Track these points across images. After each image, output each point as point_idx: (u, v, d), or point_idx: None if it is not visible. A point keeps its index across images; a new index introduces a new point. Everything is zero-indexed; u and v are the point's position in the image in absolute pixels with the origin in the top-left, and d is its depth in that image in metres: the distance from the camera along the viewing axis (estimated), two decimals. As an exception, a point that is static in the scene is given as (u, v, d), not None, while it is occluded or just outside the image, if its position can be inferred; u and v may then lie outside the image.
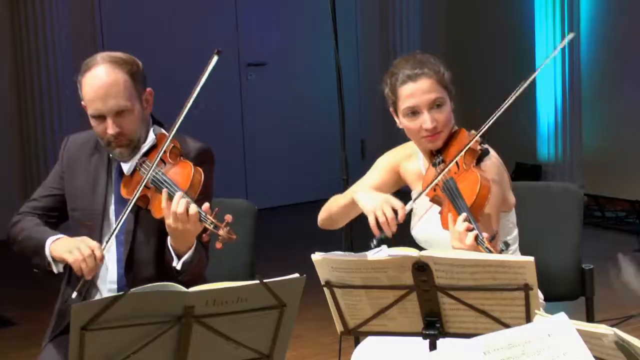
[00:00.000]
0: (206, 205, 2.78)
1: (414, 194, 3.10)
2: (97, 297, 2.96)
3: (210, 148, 3.09)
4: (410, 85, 2.99)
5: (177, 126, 2.91)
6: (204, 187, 2.90)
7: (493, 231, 2.80)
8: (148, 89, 3.03)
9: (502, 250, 2.64)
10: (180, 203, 2.76)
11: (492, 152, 3.03)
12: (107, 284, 3.00)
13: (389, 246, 2.56)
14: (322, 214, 3.24)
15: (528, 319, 2.41)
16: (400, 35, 8.35)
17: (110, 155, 3.02)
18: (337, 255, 2.56)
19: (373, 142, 8.48)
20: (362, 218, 3.04)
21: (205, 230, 2.76)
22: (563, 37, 7.51)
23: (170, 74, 7.60)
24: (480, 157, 2.96)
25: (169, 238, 2.88)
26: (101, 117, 2.94)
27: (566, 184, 3.79)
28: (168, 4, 7.68)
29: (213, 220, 2.73)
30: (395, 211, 2.85)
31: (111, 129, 2.92)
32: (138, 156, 2.98)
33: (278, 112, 8.10)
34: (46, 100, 7.14)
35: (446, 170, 2.90)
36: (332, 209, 3.20)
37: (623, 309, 5.12)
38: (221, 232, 2.70)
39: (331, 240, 3.45)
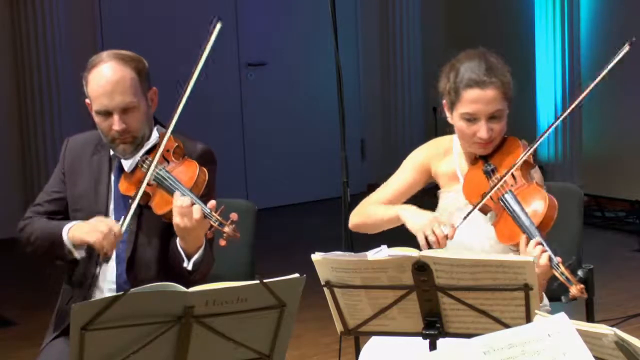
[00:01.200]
0: (212, 202, 2.79)
1: (445, 194, 3.06)
2: (98, 296, 2.96)
3: (211, 149, 3.09)
4: (476, 92, 2.91)
5: (177, 115, 2.91)
6: (208, 187, 2.91)
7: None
8: (153, 88, 3.04)
9: (580, 279, 2.64)
10: (185, 199, 2.77)
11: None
12: (107, 283, 3.00)
13: None
14: (356, 219, 3.14)
15: (528, 319, 2.41)
16: (400, 35, 8.35)
17: (113, 152, 3.02)
18: (337, 255, 2.56)
19: (373, 142, 8.49)
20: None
21: (210, 227, 2.77)
22: (563, 37, 7.50)
23: (170, 74, 7.61)
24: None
25: (178, 239, 2.87)
26: (107, 114, 2.94)
27: (566, 184, 3.79)
28: (168, 4, 7.67)
29: (218, 218, 2.74)
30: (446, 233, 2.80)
31: (117, 125, 2.92)
32: (140, 153, 2.98)
33: (278, 112, 8.10)
34: (46, 100, 7.13)
35: (502, 182, 2.84)
36: (370, 218, 3.09)
37: (623, 309, 5.13)
38: (226, 229, 2.71)
39: (331, 240, 3.45)
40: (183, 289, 2.24)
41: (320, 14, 6.32)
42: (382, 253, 2.50)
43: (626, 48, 2.82)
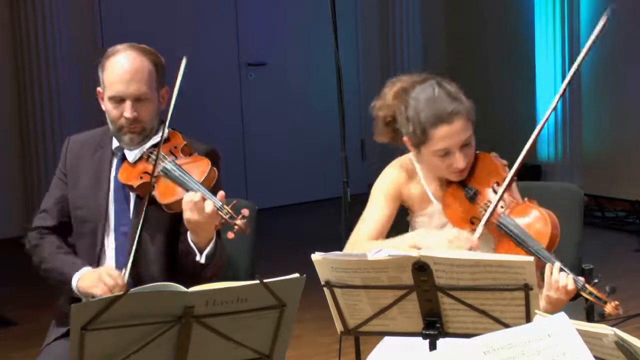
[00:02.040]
0: (221, 193, 2.80)
1: (419, 218, 3.01)
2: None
3: (216, 149, 3.10)
4: (445, 128, 2.83)
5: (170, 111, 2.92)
6: (217, 184, 2.91)
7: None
8: (165, 87, 3.06)
9: (608, 293, 2.64)
10: (195, 194, 2.78)
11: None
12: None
13: None
14: None
15: (528, 319, 2.41)
16: (400, 35, 8.35)
17: (118, 142, 3.02)
18: (337, 255, 2.56)
19: (373, 142, 8.45)
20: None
21: (220, 219, 2.78)
22: (563, 37, 7.51)
23: (169, 74, 7.60)
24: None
25: (189, 233, 2.87)
26: (120, 100, 2.95)
27: (566, 184, 3.79)
28: (168, 4, 7.67)
29: (229, 211, 2.76)
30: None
31: (129, 112, 2.94)
32: (147, 145, 2.99)
33: (278, 112, 8.10)
34: (46, 100, 7.13)
35: (492, 209, 2.80)
36: None
37: (623, 309, 5.12)
38: (238, 222, 2.72)
39: (331, 240, 3.45)
40: (183, 289, 2.24)
41: (320, 14, 6.32)
42: (382, 253, 2.50)
43: (604, 18, 2.77)
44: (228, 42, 7.90)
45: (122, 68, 2.97)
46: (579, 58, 2.83)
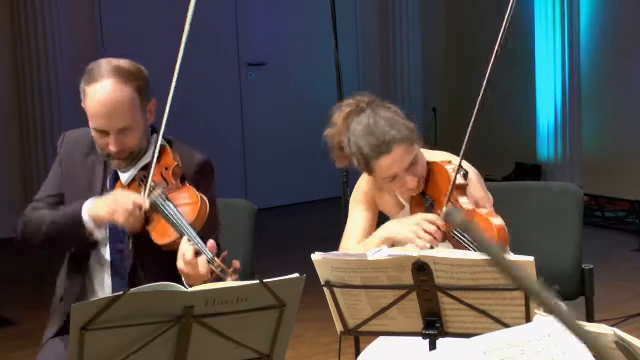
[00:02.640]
0: (211, 243, 2.69)
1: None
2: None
3: (210, 160, 3.00)
4: (385, 159, 2.84)
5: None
6: (210, 218, 2.81)
7: None
8: (152, 100, 2.95)
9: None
10: (189, 250, 2.68)
11: (468, 168, 2.95)
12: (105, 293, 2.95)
13: None
14: None
15: (528, 319, 2.41)
16: (400, 35, 8.35)
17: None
18: (337, 255, 2.56)
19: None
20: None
21: (212, 273, 2.66)
22: (563, 37, 7.51)
23: (170, 74, 7.60)
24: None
25: (183, 278, 2.76)
26: (103, 132, 2.87)
27: (566, 184, 3.79)
28: (168, 4, 7.67)
29: (220, 264, 2.64)
30: (434, 222, 2.79)
31: (113, 146, 2.84)
32: (138, 167, 2.91)
33: (278, 112, 8.10)
34: (46, 100, 7.13)
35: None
36: None
37: (623, 309, 5.12)
38: (228, 279, 2.60)
39: (331, 240, 3.45)
40: (183, 289, 2.24)
41: (320, 14, 6.32)
42: (382, 253, 2.50)
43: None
44: (228, 42, 7.90)
45: (103, 102, 2.84)
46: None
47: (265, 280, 2.29)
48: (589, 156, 7.65)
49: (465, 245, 2.76)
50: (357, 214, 3.06)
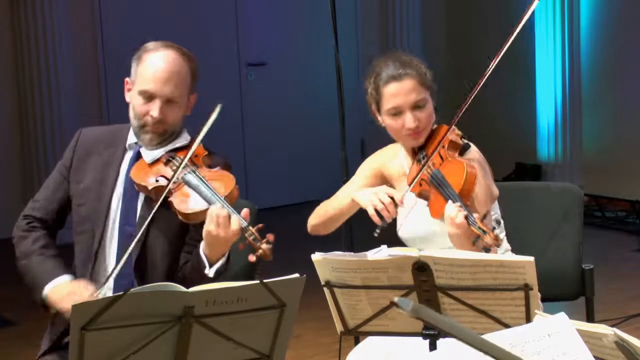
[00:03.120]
0: (245, 211, 2.72)
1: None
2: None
3: (229, 161, 3.07)
4: (394, 85, 3.02)
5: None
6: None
7: (483, 213, 2.83)
8: (194, 94, 3.03)
9: (494, 228, 2.68)
10: (223, 209, 2.70)
11: (474, 147, 3.06)
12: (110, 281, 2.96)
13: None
14: (314, 220, 3.25)
15: (528, 319, 2.41)
16: (400, 35, 8.35)
17: (137, 138, 2.97)
18: (337, 255, 2.56)
19: (373, 142, 8.46)
20: (362, 218, 3.04)
21: (244, 240, 2.69)
22: (563, 37, 7.51)
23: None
24: (462, 150, 3.01)
25: (202, 245, 2.79)
26: (150, 98, 2.91)
27: (566, 184, 3.79)
28: (168, 4, 7.68)
29: (254, 232, 2.67)
30: (391, 197, 2.90)
31: (156, 111, 2.90)
32: (168, 148, 2.95)
33: (278, 112, 8.11)
34: (46, 100, 7.14)
35: (429, 161, 2.95)
36: (327, 213, 3.20)
37: (623, 309, 5.13)
38: (263, 246, 2.63)
39: (331, 240, 3.45)
40: (183, 289, 2.24)
41: (320, 14, 6.32)
42: (382, 253, 2.50)
43: (535, 2, 2.99)
44: (228, 42, 7.90)
45: (161, 66, 2.93)
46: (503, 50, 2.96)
47: (265, 280, 2.29)
48: (589, 156, 7.65)
49: (436, 187, 2.87)
50: (356, 180, 3.21)
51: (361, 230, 3.01)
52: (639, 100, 7.32)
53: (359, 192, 3.04)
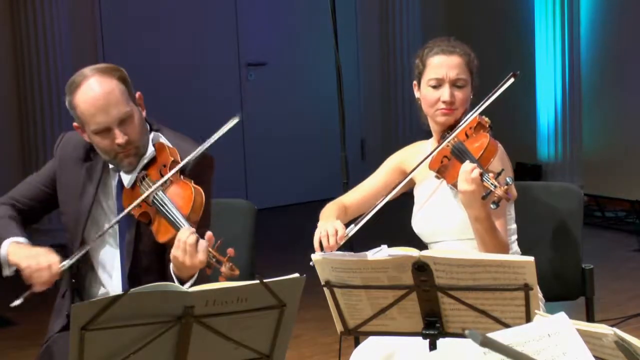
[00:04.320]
0: (209, 234, 2.71)
1: (419, 186, 3.18)
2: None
3: (210, 155, 3.02)
4: (442, 57, 3.12)
5: (190, 157, 2.87)
6: (205, 210, 2.83)
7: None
8: (138, 93, 2.96)
9: (508, 183, 2.76)
10: (191, 237, 2.69)
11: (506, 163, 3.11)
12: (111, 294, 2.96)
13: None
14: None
15: (528, 319, 2.41)
16: (400, 35, 8.35)
17: (117, 168, 2.95)
18: (337, 255, 2.56)
19: (373, 142, 8.49)
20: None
21: (208, 264, 2.69)
22: (563, 37, 7.51)
23: (170, 74, 7.60)
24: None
25: (171, 265, 2.79)
26: (105, 131, 2.86)
27: (566, 184, 3.79)
28: (168, 4, 7.68)
29: (215, 254, 2.67)
30: (336, 231, 2.96)
31: (120, 138, 2.84)
32: (138, 168, 2.92)
33: (278, 112, 8.10)
34: (46, 100, 7.13)
35: (454, 135, 3.00)
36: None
37: (623, 309, 5.13)
38: (223, 269, 2.64)
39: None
40: (183, 289, 2.24)
41: (320, 14, 6.32)
42: (382, 253, 2.50)
43: (511, 80, 3.05)
44: (228, 42, 7.90)
45: (93, 98, 2.85)
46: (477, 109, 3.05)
47: (265, 280, 2.29)
48: (589, 156, 7.65)
49: (459, 159, 2.94)
50: (376, 176, 3.28)
51: (361, 230, 3.00)
52: (639, 100, 7.32)
53: (323, 217, 3.13)
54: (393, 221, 3.28)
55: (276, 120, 8.09)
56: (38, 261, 2.81)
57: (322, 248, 2.94)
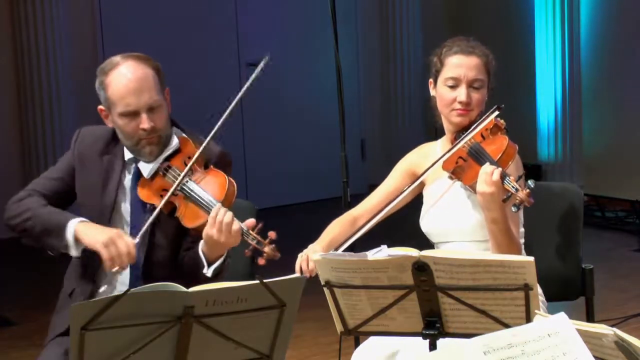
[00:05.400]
0: (251, 220, 2.75)
1: (429, 187, 3.16)
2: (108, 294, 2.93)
3: (228, 152, 3.06)
4: (460, 57, 3.10)
5: (210, 137, 2.89)
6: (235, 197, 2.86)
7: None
8: (167, 89, 3.00)
9: (530, 187, 2.75)
10: (226, 214, 2.73)
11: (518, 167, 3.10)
12: (119, 284, 2.95)
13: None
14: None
15: (528, 319, 2.41)
16: (400, 35, 8.35)
17: (132, 157, 2.96)
18: (337, 255, 2.56)
19: (373, 142, 8.49)
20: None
21: (247, 245, 2.73)
22: (563, 37, 7.51)
23: (170, 74, 7.60)
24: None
25: (201, 244, 2.82)
26: (133, 114, 2.88)
27: (566, 184, 3.79)
28: (168, 4, 7.68)
29: (256, 236, 2.71)
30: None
31: (146, 123, 2.86)
32: (161, 158, 2.93)
33: (278, 112, 8.10)
34: (46, 100, 7.13)
35: (469, 136, 2.99)
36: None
37: (623, 309, 5.13)
38: (266, 249, 2.69)
39: (331, 240, 3.44)
40: (183, 289, 2.24)
41: (320, 14, 6.32)
42: (382, 253, 2.50)
43: (496, 113, 3.03)
44: (228, 42, 7.90)
45: (127, 80, 2.87)
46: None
47: (265, 280, 2.29)
48: (589, 156, 7.65)
49: (476, 160, 2.94)
50: (388, 180, 3.24)
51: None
52: (639, 100, 7.32)
53: (319, 238, 3.13)
54: (399, 220, 3.27)
55: (276, 120, 8.09)
56: (118, 247, 2.79)
57: (302, 272, 2.93)
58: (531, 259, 2.40)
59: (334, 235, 3.17)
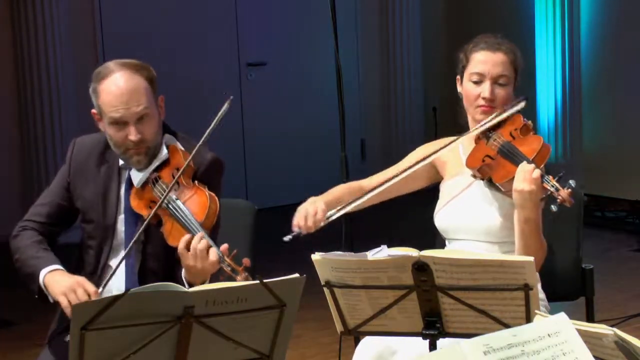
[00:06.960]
0: (225, 246, 2.75)
1: (448, 181, 3.14)
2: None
3: (220, 158, 3.06)
4: (486, 53, 3.07)
5: (195, 150, 2.87)
6: (218, 216, 2.86)
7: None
8: (161, 96, 3.00)
9: (572, 186, 2.74)
10: (201, 242, 2.73)
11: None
12: (116, 292, 2.96)
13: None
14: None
15: (528, 319, 2.41)
16: (400, 35, 8.35)
17: (124, 163, 2.98)
18: (337, 255, 2.56)
19: (373, 142, 8.48)
20: (363, 218, 3.04)
21: (223, 273, 2.72)
22: (563, 37, 7.51)
23: (170, 74, 7.60)
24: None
25: (183, 271, 2.82)
26: (121, 124, 2.89)
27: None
28: (168, 4, 7.67)
29: (230, 263, 2.70)
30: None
31: (133, 135, 2.88)
32: (150, 169, 2.94)
33: (278, 112, 8.10)
34: (46, 100, 7.13)
35: (498, 135, 2.98)
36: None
37: (623, 309, 5.13)
38: (239, 278, 2.66)
39: (331, 240, 3.45)
40: (183, 289, 2.24)
41: (320, 14, 6.32)
42: (382, 253, 2.50)
43: (523, 103, 3.07)
44: (228, 42, 7.90)
45: (118, 90, 2.89)
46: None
47: (265, 280, 2.29)
48: (589, 156, 7.65)
49: (508, 158, 2.91)
50: (401, 164, 3.19)
51: (361, 230, 3.00)
52: (639, 100, 7.32)
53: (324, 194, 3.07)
54: (399, 220, 3.28)
55: (276, 120, 8.08)
56: (77, 295, 2.81)
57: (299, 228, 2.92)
58: (531, 259, 2.40)
59: (338, 195, 3.16)
